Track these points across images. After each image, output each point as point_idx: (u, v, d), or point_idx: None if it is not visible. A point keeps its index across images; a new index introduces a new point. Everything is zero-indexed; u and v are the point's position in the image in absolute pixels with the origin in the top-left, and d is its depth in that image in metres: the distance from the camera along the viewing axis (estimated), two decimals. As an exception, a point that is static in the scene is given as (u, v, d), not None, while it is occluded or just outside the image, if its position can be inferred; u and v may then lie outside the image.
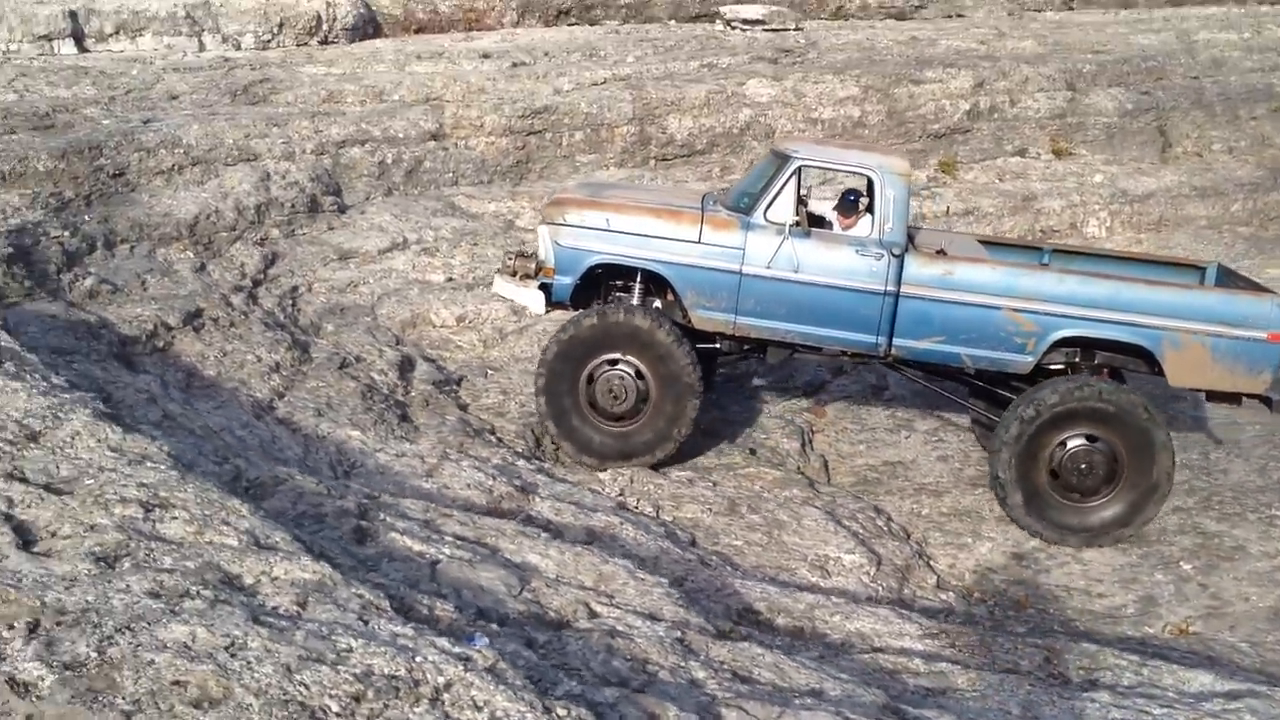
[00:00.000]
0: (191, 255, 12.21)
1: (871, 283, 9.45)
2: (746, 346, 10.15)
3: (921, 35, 22.51)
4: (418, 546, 5.87)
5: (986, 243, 11.27)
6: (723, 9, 22.74)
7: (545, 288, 9.93)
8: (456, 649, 4.05)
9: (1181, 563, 9.56)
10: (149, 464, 5.49)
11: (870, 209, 9.66)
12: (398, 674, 3.78)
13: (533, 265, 10.05)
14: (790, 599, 6.87)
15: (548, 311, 10.41)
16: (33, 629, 3.79)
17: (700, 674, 4.83)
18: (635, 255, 9.70)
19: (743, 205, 9.75)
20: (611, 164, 17.25)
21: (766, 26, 22.04)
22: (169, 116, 14.61)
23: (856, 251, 9.49)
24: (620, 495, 9.26)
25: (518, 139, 16.68)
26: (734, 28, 22.09)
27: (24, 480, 5.06)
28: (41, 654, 3.62)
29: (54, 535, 4.55)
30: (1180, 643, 8.25)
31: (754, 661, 5.15)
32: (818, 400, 12.40)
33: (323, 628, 4.04)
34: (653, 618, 5.61)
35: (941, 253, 10.08)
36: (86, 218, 11.94)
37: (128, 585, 4.13)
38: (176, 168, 13.55)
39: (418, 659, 3.90)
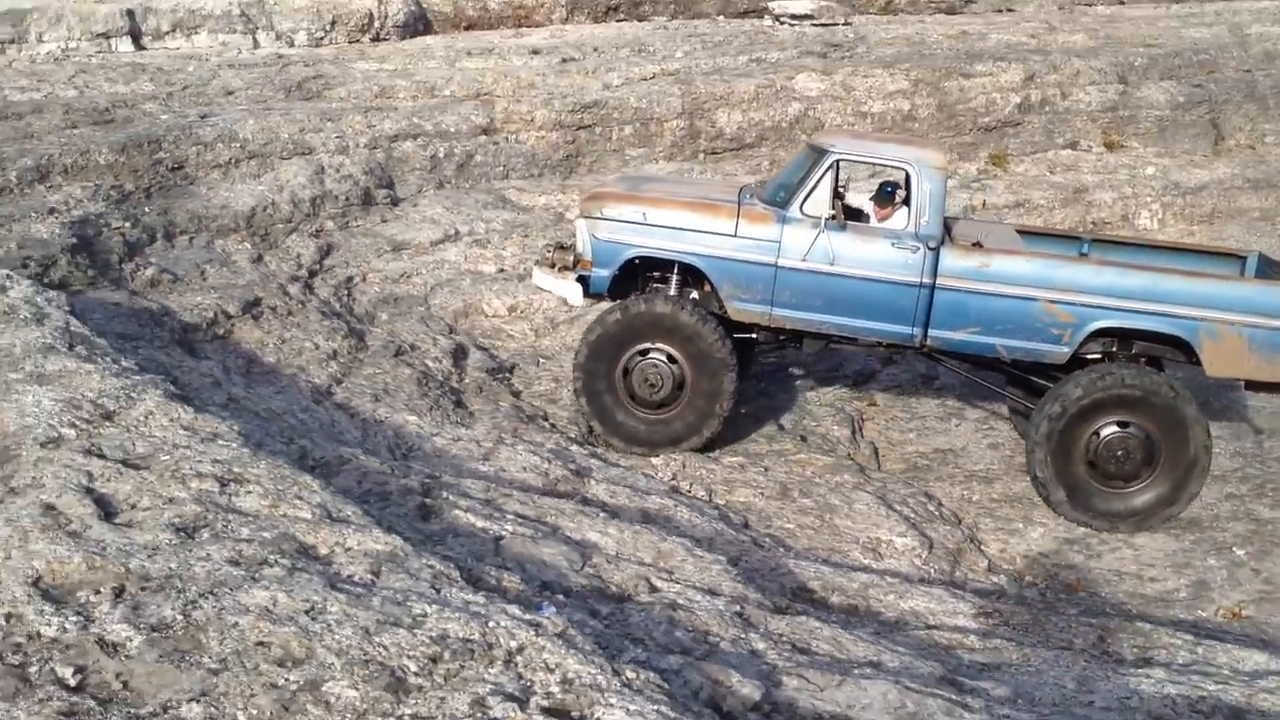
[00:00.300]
0: (249, 246, 12.42)
1: (907, 275, 9.51)
2: (783, 337, 10.23)
3: (971, 29, 22.45)
4: (481, 523, 6.00)
5: (1025, 233, 11.28)
6: (771, 4, 22.78)
7: (583, 280, 10.05)
8: (527, 616, 4.17)
9: (1234, 548, 9.54)
10: (221, 442, 5.65)
11: (907, 201, 9.72)
12: (472, 638, 3.91)
13: (571, 258, 10.19)
14: (844, 578, 6.95)
15: (585, 303, 10.54)
16: (119, 594, 3.95)
17: (760, 645, 4.92)
18: (671, 248, 9.82)
19: (779, 199, 9.83)
20: (661, 158, 17.35)
21: (815, 21, 22.06)
22: (225, 111, 14.87)
23: (892, 244, 9.55)
24: (673, 480, 9.35)
25: (567, 133, 16.82)
26: (782, 22, 22.13)
27: (102, 456, 5.23)
28: (129, 617, 3.78)
29: (134, 507, 4.71)
30: (1233, 626, 8.24)
31: (812, 635, 5.25)
32: (867, 391, 12.45)
33: (397, 594, 4.18)
34: (712, 593, 5.71)
35: (978, 245, 10.11)
36: (146, 209, 12.19)
37: (208, 554, 4.27)
38: (233, 161, 13.79)
39: (490, 624, 4.03)
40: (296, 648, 3.67)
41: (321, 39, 19.42)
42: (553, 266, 10.30)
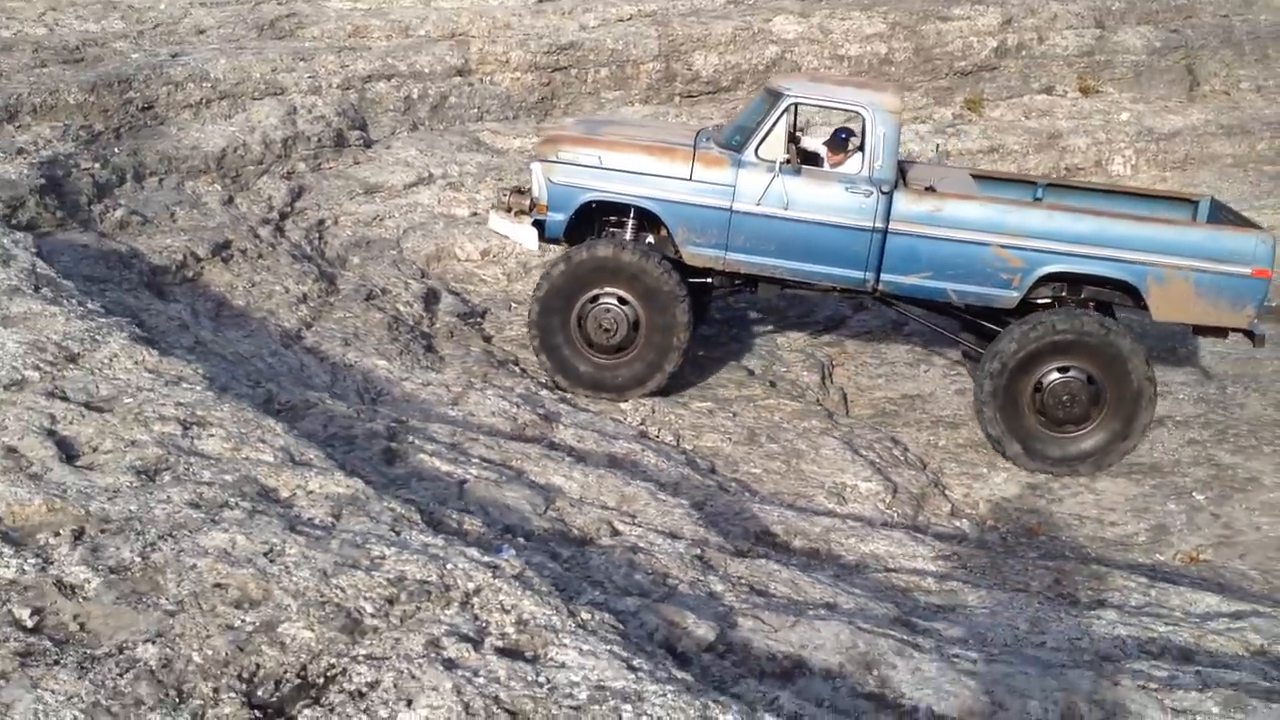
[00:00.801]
0: (219, 188, 12.36)
1: (860, 219, 9.59)
2: (738, 281, 10.28)
3: (949, -29, 22.33)
4: (445, 467, 6.05)
5: (980, 178, 11.35)
6: (748, -56, 22.58)
7: (539, 225, 10.08)
8: (485, 558, 4.23)
9: (1194, 493, 9.69)
10: (185, 385, 5.67)
11: (861, 148, 9.77)
12: (429, 579, 3.96)
13: (527, 202, 10.20)
14: (807, 522, 7.03)
15: (542, 248, 10.60)
16: (78, 536, 3.98)
17: (719, 587, 5.00)
18: (627, 192, 9.85)
19: (734, 142, 9.87)
20: (637, 100, 17.28)
21: (792, -39, 21.88)
22: (196, 51, 14.71)
23: (846, 189, 9.61)
24: (641, 425, 9.42)
25: (543, 75, 16.72)
26: (760, -37, 21.95)
27: (65, 399, 5.24)
28: (87, 558, 3.81)
29: (95, 450, 4.74)
30: (1190, 570, 8.38)
31: (771, 577, 5.33)
32: (837, 336, 12.52)
33: (357, 537, 4.23)
34: (673, 536, 5.79)
35: (930, 190, 10.17)
36: (116, 150, 12.09)
37: (168, 496, 4.31)
38: (204, 101, 13.67)
39: (448, 566, 4.08)
40: (254, 589, 3.72)
41: (294, -23, 19.16)
42: (509, 211, 10.33)
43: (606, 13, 18.11)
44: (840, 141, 10.08)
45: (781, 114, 9.65)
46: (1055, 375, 9.64)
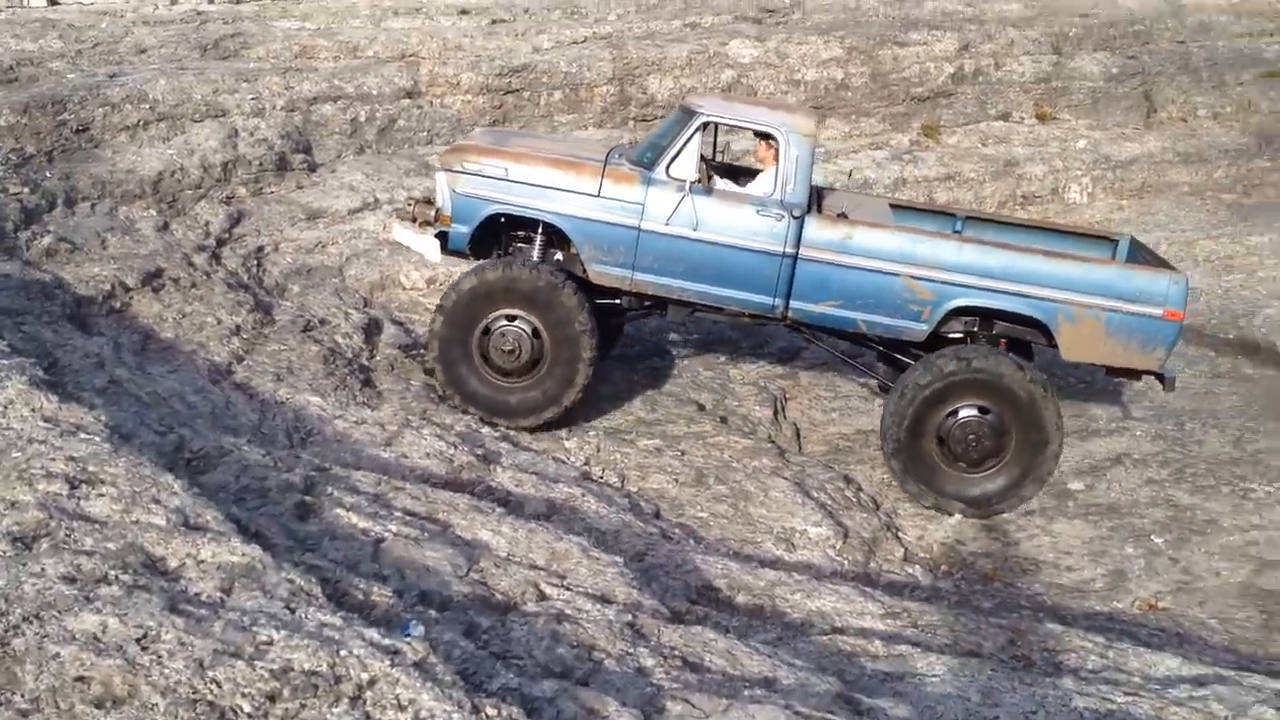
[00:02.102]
0: (154, 213, 11.94)
1: (770, 244, 9.31)
2: (647, 303, 9.99)
3: (907, -4, 22.20)
4: (363, 523, 5.69)
5: (899, 207, 11.14)
6: (706, -34, 22.37)
7: (443, 236, 9.79)
8: (386, 640, 3.87)
9: (1153, 535, 9.45)
10: (82, 435, 5.29)
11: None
12: (319, 669, 3.60)
13: (432, 212, 9.87)
14: (751, 575, 6.71)
15: (443, 260, 10.36)
16: (-64, 617, 3.60)
17: (649, 661, 4.66)
18: (533, 206, 9.53)
19: (646, 160, 9.59)
20: (590, 124, 16.98)
21: (751, -15, 21.67)
22: (136, 71, 14.29)
23: (757, 211, 9.32)
24: (585, 464, 9.09)
25: (494, 98, 16.38)
26: (717, -14, 21.73)
27: (-52, 453, 4.86)
28: (-60, 645, 3.44)
29: (-29, 514, 4.36)
30: (1149, 619, 8.13)
31: (706, 647, 4.99)
32: (791, 367, 12.23)
33: (245, 617, 3.86)
34: (604, 599, 5.45)
35: (842, 216, 9.94)
36: (48, 174, 11.66)
37: (43, 568, 3.94)
38: (142, 123, 13.24)
39: (342, 653, 3.72)
40: (119, 684, 3.36)
41: (243, -5, 18.79)
42: (414, 221, 10.01)
43: (560, 35, 17.83)
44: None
45: (694, 133, 9.36)
46: (963, 413, 9.38)
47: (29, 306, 8.98)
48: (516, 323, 9.41)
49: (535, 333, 9.39)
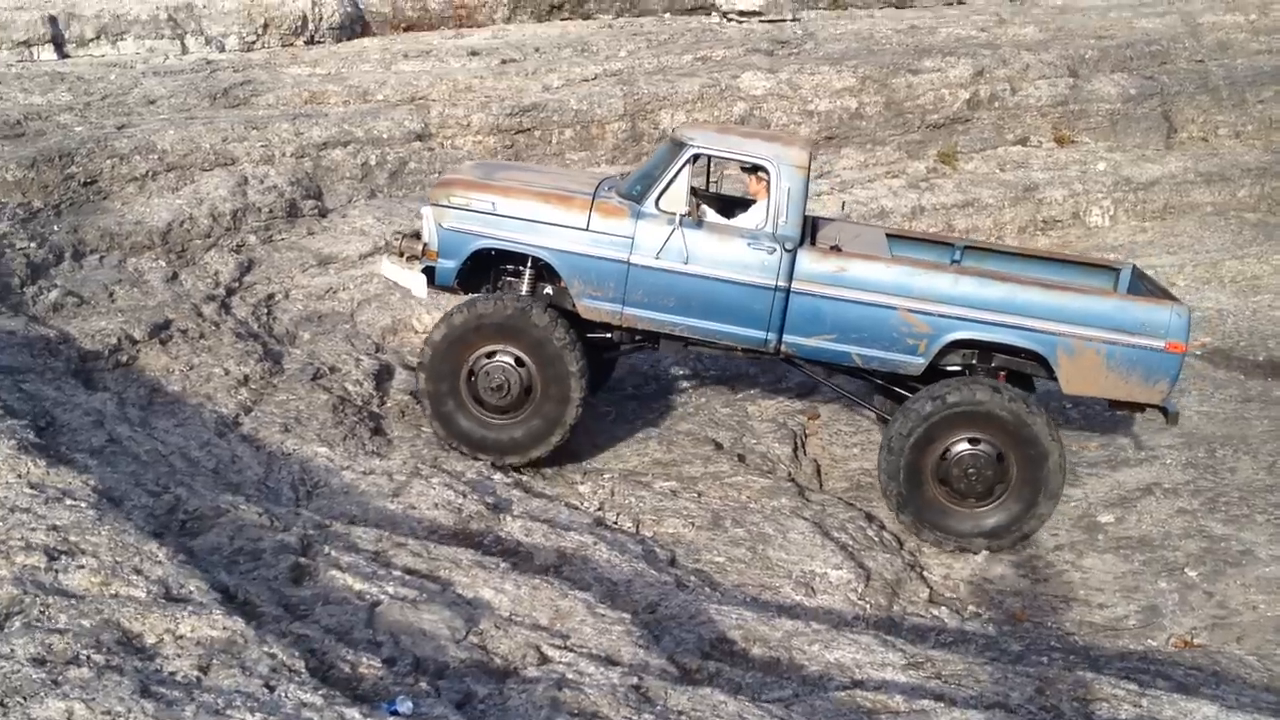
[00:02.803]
0: (164, 264, 11.85)
1: (762, 277, 9.14)
2: (638, 338, 9.82)
3: (921, 23, 22.02)
4: (359, 585, 5.49)
5: (897, 237, 10.93)
6: (718, 1, 22.29)
7: (430, 271, 9.65)
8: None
9: (1186, 569, 9.15)
10: (69, 501, 5.13)
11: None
12: (293, 756, 3.41)
13: (420, 247, 9.72)
14: (768, 626, 6.47)
15: (430, 295, 10.28)
16: (-104, 706, 3.43)
17: (653, 729, 4.45)
18: (521, 241, 9.38)
19: (635, 193, 9.43)
20: (603, 161, 16.84)
21: (763, 18, 21.57)
22: (145, 122, 14.25)
23: (749, 244, 9.15)
24: (599, 510, 8.90)
25: (505, 138, 16.29)
26: (729, 19, 21.63)
27: (-73, 525, 4.70)
28: (-103, 738, 3.26)
29: (-55, 591, 4.19)
30: (1184, 657, 7.84)
31: (715, 711, 4.75)
32: (810, 404, 12.00)
33: (220, 699, 3.67)
34: (609, 661, 5.23)
35: (836, 249, 9.76)
36: (55, 228, 11.60)
37: (12, 650, 3.76)
38: (150, 174, 13.18)
39: (319, 736, 3.54)
40: (81, 779, 3.18)
41: (253, 43, 18.77)
42: (401, 256, 9.87)
43: (570, 73, 17.74)
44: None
45: (684, 165, 9.19)
46: (955, 450, 9.16)
47: (32, 364, 8.89)
48: (504, 359, 9.28)
49: (519, 362, 9.27)
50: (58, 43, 17.21)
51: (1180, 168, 19.63)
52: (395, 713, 3.95)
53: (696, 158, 9.34)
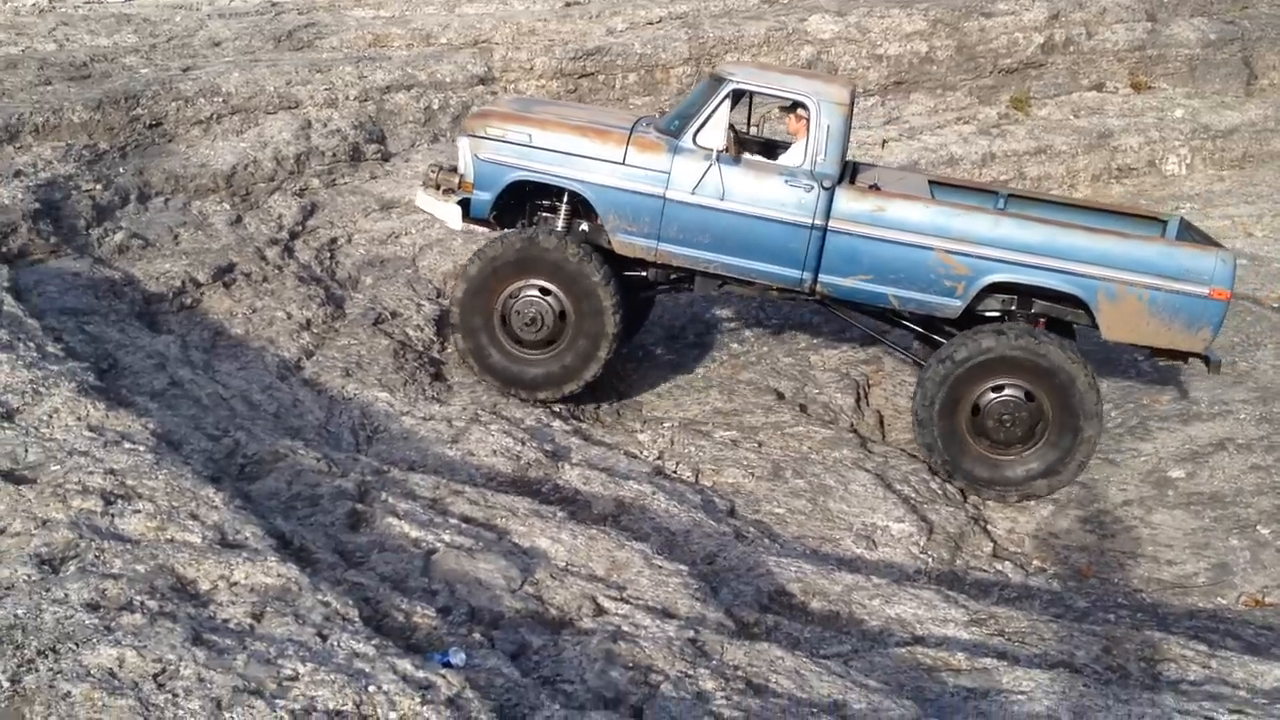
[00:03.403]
0: (227, 207, 11.86)
1: (799, 215, 8.99)
2: (674, 276, 9.70)
3: (994, -36, 21.53)
4: (415, 533, 5.46)
5: (939, 184, 10.70)
6: (785, -59, 21.91)
7: (465, 203, 9.58)
8: (419, 673, 3.62)
9: (1259, 526, 8.92)
10: (126, 445, 5.13)
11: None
12: (343, 709, 3.36)
13: (456, 180, 9.66)
14: (827, 580, 6.38)
15: (464, 228, 10.15)
16: (-49, 650, 3.43)
17: (709, 684, 4.37)
18: (556, 173, 9.29)
19: (673, 128, 9.32)
20: (667, 105, 16.62)
21: (831, -42, 21.17)
22: (210, 64, 14.25)
23: (786, 182, 9.00)
24: (658, 459, 8.82)
25: (569, 82, 16.13)
26: (797, -40, 21.26)
27: (-14, 466, 4.71)
28: (-49, 682, 3.26)
29: (2, 532, 4.20)
30: (1255, 616, 7.66)
31: (772, 666, 4.68)
32: (873, 352, 11.83)
33: (272, 648, 3.64)
34: (665, 613, 5.17)
35: (875, 188, 9.60)
36: (120, 170, 11.63)
37: (66, 594, 3.75)
38: (215, 117, 13.18)
39: (370, 688, 3.48)
40: (130, 727, 3.16)
41: (317, -15, 18.71)
42: (437, 188, 9.79)
43: (635, 16, 17.52)
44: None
45: (722, 100, 9.05)
46: (989, 397, 9.04)
47: (97, 305, 8.91)
48: (538, 293, 9.24)
49: (557, 303, 9.23)
50: (125, -16, 17.23)
51: (1260, 115, 19.08)
52: (448, 663, 3.92)
53: (737, 94, 9.19)
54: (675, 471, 8.61)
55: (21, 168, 10.86)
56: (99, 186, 11.06)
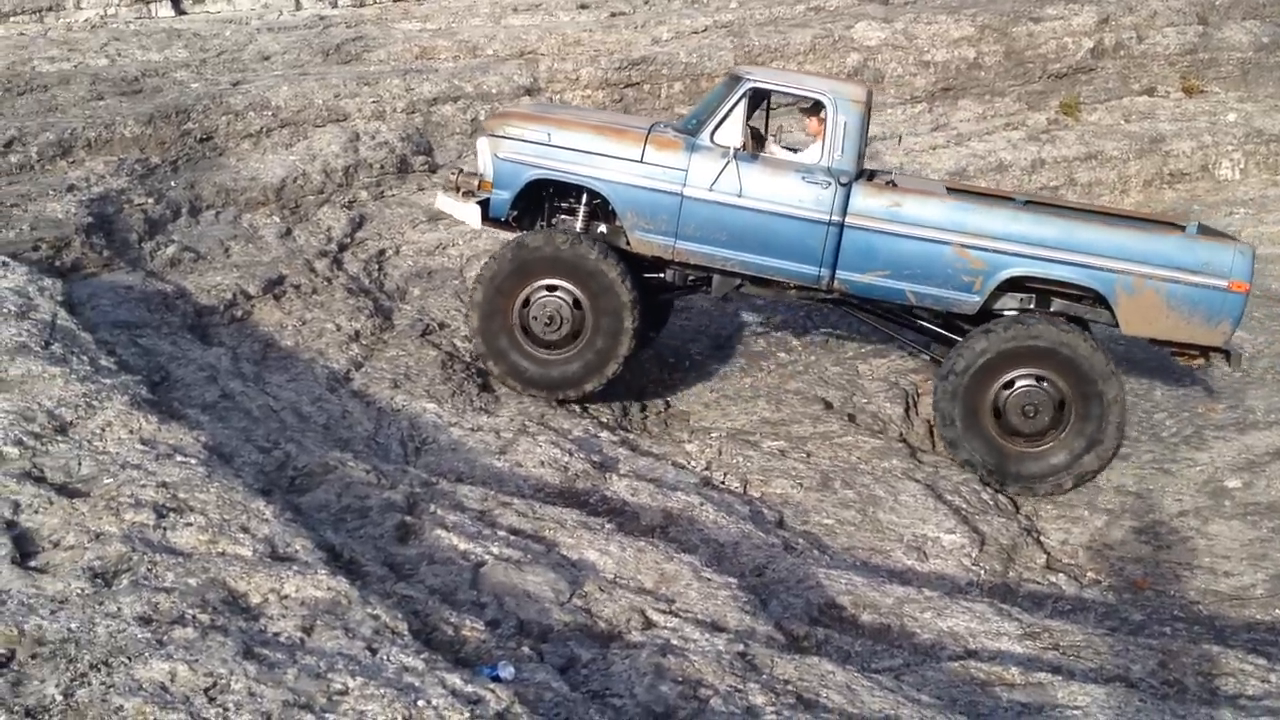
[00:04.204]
0: (277, 220, 11.96)
1: (816, 211, 9.05)
2: (691, 278, 9.70)
3: (1042, -31, 21.39)
4: (464, 545, 5.45)
5: (956, 190, 10.71)
6: (831, -52, 21.85)
7: (484, 203, 9.62)
8: (469, 687, 3.61)
9: (1319, 537, 8.78)
10: (178, 459, 5.16)
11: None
12: (392, 723, 3.37)
13: (476, 181, 9.73)
14: (878, 592, 6.32)
15: (485, 228, 10.21)
16: (4, 663, 3.45)
17: (759, 699, 4.33)
18: (574, 171, 9.35)
19: (690, 127, 9.42)
20: (712, 114, 16.64)
21: (877, -35, 21.10)
22: (259, 78, 14.39)
23: (803, 179, 9.07)
24: (706, 469, 8.79)
25: (614, 92, 16.16)
26: (843, -33, 21.20)
27: (40, 479, 4.75)
28: (4, 696, 3.28)
29: (56, 546, 4.23)
30: (1316, 630, 7.53)
31: (823, 681, 4.64)
32: (922, 360, 11.74)
33: (322, 661, 3.64)
34: (715, 627, 5.13)
35: (891, 184, 9.67)
36: (172, 183, 11.76)
37: (119, 608, 3.77)
38: (265, 130, 13.30)
39: (420, 702, 3.47)
40: (181, 741, 3.16)
41: (365, -2, 18.85)
42: (457, 190, 9.88)
43: (680, 25, 17.53)
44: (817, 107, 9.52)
45: (740, 99, 9.14)
46: (1015, 387, 9.07)
47: (149, 318, 8.99)
48: (557, 294, 9.27)
49: (576, 304, 9.26)
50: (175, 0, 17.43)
51: (1316, 118, 18.84)
52: (497, 677, 3.91)
53: (754, 93, 9.29)
54: (723, 482, 8.58)
55: (75, 182, 11.00)
56: (151, 200, 11.18)
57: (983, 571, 7.73)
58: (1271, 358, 11.88)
